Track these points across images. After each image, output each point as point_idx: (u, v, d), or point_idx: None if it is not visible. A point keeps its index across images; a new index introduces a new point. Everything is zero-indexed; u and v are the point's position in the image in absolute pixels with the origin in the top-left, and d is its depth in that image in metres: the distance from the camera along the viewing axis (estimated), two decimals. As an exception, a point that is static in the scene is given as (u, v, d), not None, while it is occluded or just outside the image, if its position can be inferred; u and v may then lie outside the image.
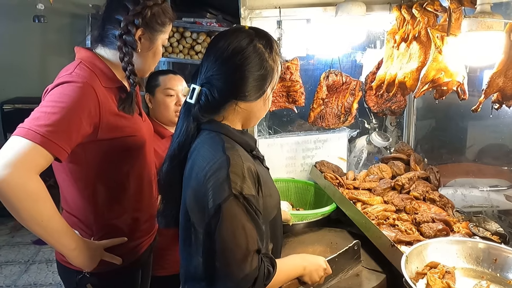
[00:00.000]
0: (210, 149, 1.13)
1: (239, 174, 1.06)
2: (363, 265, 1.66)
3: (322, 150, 2.52)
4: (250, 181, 1.08)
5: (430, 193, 2.05)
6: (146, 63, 1.43)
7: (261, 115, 1.26)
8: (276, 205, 1.27)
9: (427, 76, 1.73)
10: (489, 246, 1.28)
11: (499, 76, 1.39)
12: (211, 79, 1.16)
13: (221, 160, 1.08)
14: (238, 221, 1.03)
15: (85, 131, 1.26)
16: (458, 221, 1.84)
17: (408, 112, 2.60)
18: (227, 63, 1.15)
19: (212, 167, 1.08)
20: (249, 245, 1.03)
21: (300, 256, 1.32)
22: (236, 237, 1.03)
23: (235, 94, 1.16)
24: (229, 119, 1.20)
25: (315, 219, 2.04)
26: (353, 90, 2.35)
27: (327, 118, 2.36)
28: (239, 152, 1.12)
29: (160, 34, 1.41)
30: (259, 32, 1.21)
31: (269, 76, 1.19)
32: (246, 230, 1.03)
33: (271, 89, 1.23)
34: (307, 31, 2.27)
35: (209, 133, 1.18)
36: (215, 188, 1.05)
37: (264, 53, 1.17)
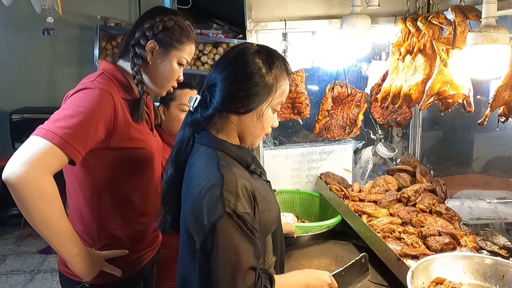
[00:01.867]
0: (206, 166, 1.14)
1: (232, 192, 1.06)
2: (369, 279, 1.65)
3: (327, 161, 2.52)
4: (245, 199, 1.08)
5: (436, 205, 2.03)
6: (157, 77, 1.46)
7: (256, 133, 1.21)
8: (276, 219, 1.25)
9: (432, 88, 1.72)
10: (496, 262, 1.26)
11: (505, 89, 1.38)
12: (208, 88, 1.19)
13: (215, 178, 1.09)
14: (232, 239, 1.03)
15: (99, 136, 1.29)
16: (465, 235, 1.82)
17: (414, 123, 2.59)
18: (220, 73, 1.17)
19: (206, 185, 1.09)
20: (243, 262, 1.02)
21: (303, 272, 1.30)
22: (230, 255, 1.02)
23: (222, 104, 1.15)
24: (225, 133, 1.20)
25: (320, 231, 2.03)
26: (358, 102, 2.35)
27: (332, 129, 2.36)
28: (234, 170, 1.12)
29: (175, 51, 1.44)
30: (262, 48, 1.20)
31: (265, 93, 1.15)
32: (240, 248, 1.03)
33: (270, 107, 1.18)
34: (313, 43, 2.29)
35: (206, 149, 1.18)
36: (209, 206, 1.06)
37: (261, 69, 1.14)
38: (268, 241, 1.23)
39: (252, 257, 1.05)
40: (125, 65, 1.47)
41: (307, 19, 2.22)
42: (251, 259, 1.05)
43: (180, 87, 2.17)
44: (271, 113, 1.21)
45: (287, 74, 1.20)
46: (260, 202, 1.14)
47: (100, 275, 1.35)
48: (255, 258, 1.06)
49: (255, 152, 2.39)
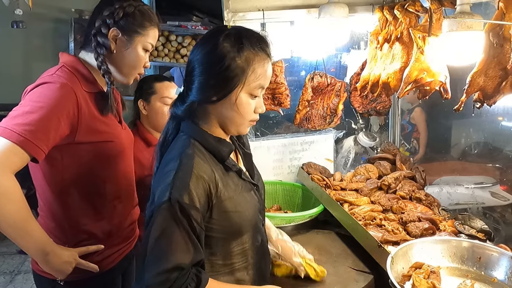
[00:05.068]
0: (173, 152, 1.13)
1: (183, 182, 1.03)
2: (350, 266, 1.67)
3: (309, 152, 2.52)
4: (196, 192, 1.03)
5: (416, 192, 2.06)
6: (124, 66, 1.42)
7: (237, 120, 1.15)
8: (249, 223, 1.19)
9: (410, 76, 1.74)
10: (473, 245, 1.29)
11: (479, 75, 1.40)
12: (185, 78, 1.17)
13: (173, 164, 1.07)
14: (166, 229, 1.00)
15: (63, 132, 1.25)
16: (444, 220, 1.86)
17: (393, 112, 2.62)
18: (192, 61, 1.14)
19: (164, 170, 1.08)
20: (170, 258, 0.99)
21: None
22: (161, 246, 1.00)
23: (196, 95, 1.13)
24: (207, 122, 1.17)
25: (302, 221, 2.04)
26: (338, 91, 2.36)
27: (313, 119, 2.36)
28: (196, 160, 1.08)
29: (139, 37, 1.39)
30: (233, 30, 1.13)
31: (236, 77, 1.09)
32: (172, 240, 1.00)
33: (245, 92, 1.11)
34: (291, 33, 2.28)
35: (183, 135, 1.17)
36: (160, 190, 1.04)
37: (229, 52, 1.08)
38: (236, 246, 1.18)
39: (185, 253, 1.00)
40: (87, 57, 1.42)
41: (286, 8, 2.20)
42: (182, 256, 1.00)
43: (157, 80, 2.14)
44: (249, 99, 1.13)
45: (266, 55, 1.12)
46: (226, 201, 1.11)
47: (76, 272, 1.32)
48: (191, 255, 1.01)
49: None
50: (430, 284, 1.13)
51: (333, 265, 1.69)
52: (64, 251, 1.30)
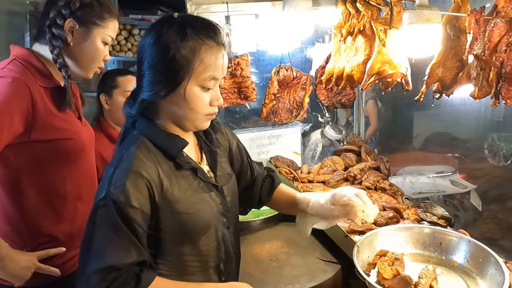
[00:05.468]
0: (119, 149, 1.09)
1: (120, 179, 0.98)
2: (318, 257, 1.68)
3: (276, 145, 2.53)
4: (133, 191, 0.98)
5: (380, 182, 2.11)
6: (82, 59, 1.35)
7: (190, 115, 1.07)
8: (204, 226, 1.11)
9: (372, 68, 1.77)
10: (434, 231, 1.33)
11: (438, 66, 1.44)
12: (137, 74, 1.10)
13: (114, 161, 1.04)
14: (101, 226, 0.97)
15: (16, 130, 1.18)
16: (408, 208, 1.91)
17: (358, 105, 2.66)
18: (138, 55, 1.07)
19: (108, 166, 1.05)
20: (106, 256, 0.95)
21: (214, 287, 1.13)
22: (97, 242, 0.97)
23: (145, 93, 1.05)
24: (159, 118, 1.11)
25: (271, 214, 2.04)
26: (304, 85, 2.37)
27: (279, 113, 2.36)
28: (136, 157, 1.02)
29: (97, 28, 1.33)
30: (178, 18, 1.04)
31: (181, 69, 1.01)
32: (107, 238, 0.96)
33: (195, 84, 1.03)
34: (256, 26, 2.26)
35: (134, 132, 1.11)
36: (100, 187, 1.01)
37: (173, 43, 1.00)
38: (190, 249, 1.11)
39: (122, 253, 0.96)
40: (41, 49, 1.33)
41: (250, 1, 2.18)
42: (119, 255, 0.95)
43: (120, 74, 2.07)
44: (202, 92, 1.05)
45: (216, 43, 1.03)
46: (176, 202, 1.05)
47: (36, 277, 1.25)
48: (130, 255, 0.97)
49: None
50: (394, 270, 1.15)
51: (302, 257, 1.70)
52: (21, 256, 1.23)
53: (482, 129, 2.14)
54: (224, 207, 1.17)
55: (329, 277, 1.54)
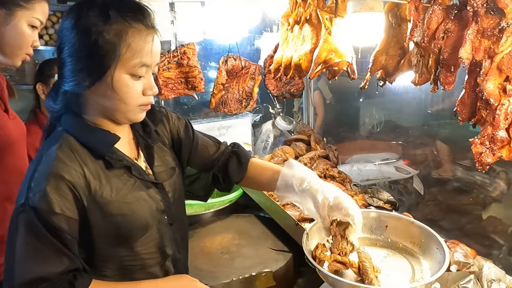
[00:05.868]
0: (42, 146, 1.00)
1: (39, 184, 0.90)
2: (270, 246, 1.68)
3: (226, 136, 2.49)
4: (56, 196, 0.90)
5: (330, 170, 2.15)
6: (5, 45, 1.23)
7: (121, 107, 0.97)
8: (141, 227, 1.04)
9: (319, 57, 1.77)
10: (380, 214, 1.36)
11: (381, 54, 1.47)
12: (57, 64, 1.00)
13: (35, 161, 0.96)
14: (25, 235, 0.90)
15: None
16: (356, 194, 1.96)
17: (306, 94, 2.69)
18: (58, 40, 0.97)
19: (28, 167, 0.97)
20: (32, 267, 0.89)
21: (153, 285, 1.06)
22: (21, 252, 0.90)
23: (67, 83, 0.95)
24: (87, 112, 1.00)
25: (222, 206, 2.01)
26: (253, 74, 2.34)
27: (229, 103, 2.32)
28: (57, 159, 0.93)
29: (22, 11, 1.21)
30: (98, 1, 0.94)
31: (107, 56, 0.91)
32: (32, 248, 0.90)
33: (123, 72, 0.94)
34: (203, 14, 2.19)
35: (59, 129, 1.02)
36: (20, 191, 0.94)
37: (95, 26, 0.90)
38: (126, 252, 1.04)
39: (50, 263, 0.90)
40: None
41: (195, -12, 2.12)
42: (47, 265, 0.90)
43: None
44: (132, 80, 0.95)
45: (145, 26, 0.95)
46: (107, 204, 0.97)
47: None
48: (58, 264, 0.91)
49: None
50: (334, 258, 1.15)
51: (254, 248, 1.68)
52: None
53: (423, 117, 2.23)
54: (166, 204, 1.10)
55: (281, 266, 1.54)
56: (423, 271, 1.16)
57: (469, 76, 1.13)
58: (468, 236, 1.67)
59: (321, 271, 1.06)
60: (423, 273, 1.15)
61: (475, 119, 1.13)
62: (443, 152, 2.16)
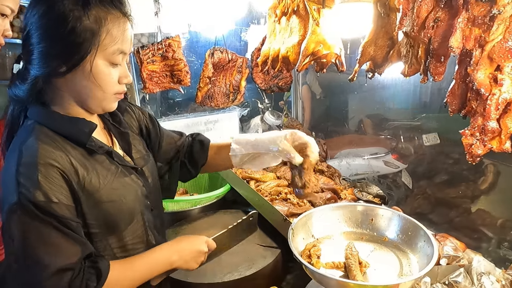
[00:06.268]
0: (13, 144, 0.95)
1: (30, 176, 0.86)
2: (258, 243, 1.64)
3: (213, 131, 2.44)
4: (50, 185, 0.87)
5: (318, 164, 2.12)
6: None
7: (97, 94, 0.95)
8: (128, 213, 1.04)
9: (307, 49, 1.74)
10: (366, 208, 1.34)
11: (370, 45, 1.44)
12: (22, 50, 0.95)
13: (13, 156, 0.90)
14: (29, 234, 0.85)
15: None
16: (345, 188, 1.94)
17: (295, 88, 2.65)
18: (25, 28, 0.92)
19: (5, 166, 0.91)
20: (47, 265, 0.86)
21: (168, 249, 1.08)
22: (30, 252, 0.86)
23: (36, 67, 0.91)
24: (58, 103, 0.97)
25: (209, 202, 1.96)
26: (240, 68, 2.30)
27: (215, 97, 2.28)
28: (40, 147, 0.89)
29: None
30: None
31: (87, 42, 0.89)
32: (42, 245, 0.86)
33: (102, 59, 0.92)
34: (188, 6, 2.14)
35: (27, 121, 0.97)
36: (5, 192, 0.88)
37: (72, 11, 0.87)
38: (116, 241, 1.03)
39: (66, 252, 0.88)
40: None
41: (180, -22, 2.06)
42: (65, 256, 0.87)
43: None
44: (109, 67, 0.94)
45: (122, 13, 0.94)
46: (96, 191, 0.95)
47: None
48: (75, 252, 0.89)
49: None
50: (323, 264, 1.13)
51: (241, 244, 1.64)
52: None
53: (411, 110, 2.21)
54: (147, 189, 1.11)
55: (269, 262, 1.50)
56: (411, 265, 1.13)
57: (460, 66, 1.11)
58: (457, 229, 1.66)
59: (308, 267, 1.03)
60: (411, 267, 1.12)
61: (466, 110, 1.11)
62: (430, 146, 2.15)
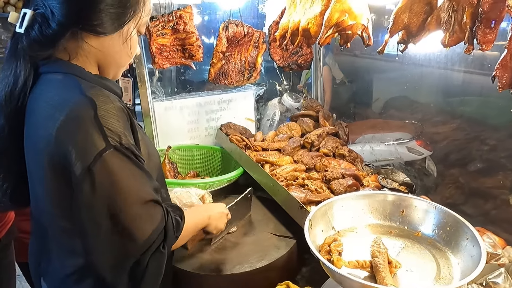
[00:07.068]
0: (60, 92, 0.86)
1: (113, 120, 0.83)
2: (271, 232, 1.51)
3: (227, 111, 2.30)
4: (128, 130, 0.86)
5: (339, 148, 1.96)
6: None
7: (122, 61, 0.97)
8: (156, 167, 1.07)
9: (330, 19, 1.55)
10: (396, 198, 1.17)
11: (404, 11, 1.26)
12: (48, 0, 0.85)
13: (81, 104, 0.82)
14: (122, 174, 0.82)
15: None
16: (368, 175, 1.78)
17: (315, 66, 2.47)
18: None
19: (68, 115, 0.81)
20: (145, 195, 0.85)
21: (203, 207, 1.24)
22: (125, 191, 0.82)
23: (78, 20, 0.86)
24: (79, 60, 0.91)
25: (220, 186, 1.84)
26: (256, 43, 2.13)
27: (230, 74, 2.12)
28: (105, 92, 0.87)
29: None
30: None
31: (132, 5, 0.91)
32: (136, 179, 0.84)
33: (136, 26, 0.94)
34: (201, -26, 1.98)
35: (54, 75, 0.89)
36: (81, 144, 0.80)
37: None
38: None
39: (152, 189, 0.88)
40: None
41: None
42: (152, 191, 0.87)
43: None
44: (136, 36, 0.97)
45: None
46: (140, 142, 0.94)
47: None
48: (155, 191, 0.89)
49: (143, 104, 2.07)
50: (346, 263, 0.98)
51: (253, 233, 1.52)
52: None
53: (444, 91, 2.02)
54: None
55: (283, 254, 1.37)
56: (451, 266, 0.96)
57: (515, 31, 0.92)
58: (494, 223, 1.48)
59: (328, 266, 0.89)
60: (451, 269, 0.96)
61: (520, 85, 0.93)
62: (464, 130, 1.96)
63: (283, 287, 1.24)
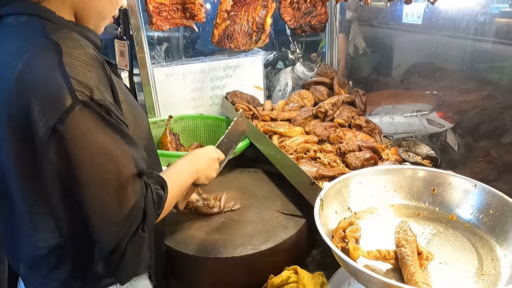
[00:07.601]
0: (20, 37, 0.74)
1: (81, 68, 0.70)
2: (279, 210, 1.36)
3: (234, 78, 2.13)
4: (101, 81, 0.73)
5: (356, 118, 1.78)
6: None
7: (105, 11, 0.86)
8: (145, 132, 0.97)
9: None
10: (426, 173, 0.99)
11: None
12: None
13: (42, 48, 0.70)
14: (94, 138, 0.70)
15: None
16: (387, 147, 1.60)
17: (331, 29, 2.26)
18: None
19: (28, 62, 0.69)
20: (122, 169, 0.73)
21: (187, 160, 1.04)
22: (98, 163, 0.71)
23: None
24: (51, 3, 0.79)
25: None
26: (265, 1, 1.92)
27: (236, 37, 1.93)
28: (75, 36, 0.75)
29: None
30: None
31: None
32: (111, 149, 0.72)
33: None
34: None
35: (15, 18, 0.77)
36: (42, 97, 0.67)
37: None
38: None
39: (133, 160, 0.77)
40: None
41: None
42: (132, 162, 0.76)
43: None
44: None
45: None
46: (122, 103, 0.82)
47: None
48: (138, 161, 0.78)
49: (141, 70, 1.90)
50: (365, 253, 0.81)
51: (258, 210, 1.38)
52: None
53: (475, 54, 1.80)
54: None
55: (291, 234, 1.23)
56: (495, 259, 0.79)
57: None
58: (532, 202, 1.30)
59: (342, 258, 0.73)
60: (496, 262, 0.78)
61: None
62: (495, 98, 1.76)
63: (290, 272, 1.11)
